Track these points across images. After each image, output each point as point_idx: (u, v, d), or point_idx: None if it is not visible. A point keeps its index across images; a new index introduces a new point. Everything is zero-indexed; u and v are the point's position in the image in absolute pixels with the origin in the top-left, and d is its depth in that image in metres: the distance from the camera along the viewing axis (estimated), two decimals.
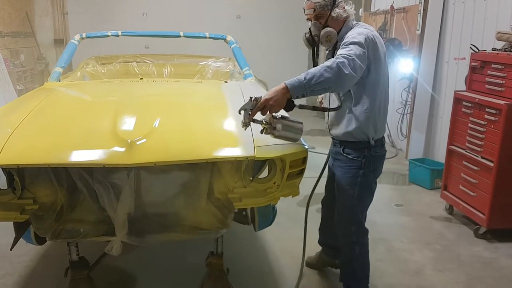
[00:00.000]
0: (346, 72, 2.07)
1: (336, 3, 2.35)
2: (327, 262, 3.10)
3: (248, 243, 3.50)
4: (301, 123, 2.15)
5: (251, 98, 2.06)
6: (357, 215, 2.55)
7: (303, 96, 2.08)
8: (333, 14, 2.33)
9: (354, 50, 2.15)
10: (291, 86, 2.04)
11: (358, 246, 2.59)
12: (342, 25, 2.40)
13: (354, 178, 2.46)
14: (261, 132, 2.13)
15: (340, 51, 2.18)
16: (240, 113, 2.07)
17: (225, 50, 4.26)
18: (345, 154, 2.49)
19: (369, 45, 2.23)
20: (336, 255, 2.98)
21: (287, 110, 2.12)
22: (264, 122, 2.10)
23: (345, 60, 2.08)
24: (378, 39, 2.33)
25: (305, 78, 2.04)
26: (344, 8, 2.38)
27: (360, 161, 2.44)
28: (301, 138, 2.28)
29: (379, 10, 7.11)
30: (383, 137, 2.53)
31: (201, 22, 8.91)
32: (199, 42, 5.10)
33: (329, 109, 2.47)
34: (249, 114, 2.04)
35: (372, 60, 2.28)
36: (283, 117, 2.10)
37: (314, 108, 2.43)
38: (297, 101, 2.16)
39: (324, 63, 2.11)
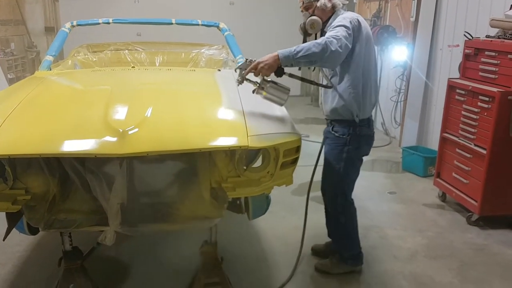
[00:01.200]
0: (333, 49, 2.32)
1: None
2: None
3: (242, 232, 3.51)
4: (288, 89, 2.38)
5: (246, 59, 2.39)
6: (342, 188, 2.79)
7: (291, 65, 2.37)
8: (318, 4, 2.63)
9: (340, 31, 2.41)
10: (281, 55, 2.33)
11: (343, 216, 2.84)
12: (331, 15, 2.66)
13: (340, 154, 2.70)
14: (253, 91, 2.40)
15: (328, 33, 2.44)
16: (236, 71, 2.39)
17: (219, 38, 4.21)
18: (333, 132, 2.73)
19: (354, 27, 2.48)
20: None
21: (277, 76, 2.39)
22: (256, 83, 2.38)
23: (333, 39, 2.35)
24: (363, 23, 2.57)
25: (295, 50, 2.33)
26: None
27: (345, 138, 2.67)
28: (295, 126, 2.35)
29: None
30: (369, 118, 2.73)
31: (194, 9, 8.81)
32: (192, 30, 5.04)
33: (316, 83, 2.75)
34: (243, 73, 2.34)
35: (357, 41, 2.52)
36: (272, 81, 2.37)
37: (302, 79, 2.69)
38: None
39: (315, 40, 2.40)
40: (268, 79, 2.36)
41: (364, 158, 2.86)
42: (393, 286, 2.88)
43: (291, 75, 2.50)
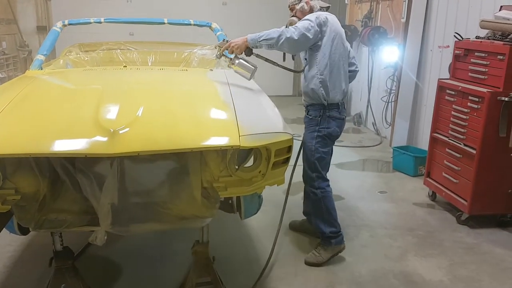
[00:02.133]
0: (287, 36, 2.79)
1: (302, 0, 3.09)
2: (308, 230, 3.47)
3: (234, 231, 3.52)
4: (255, 66, 2.87)
5: (224, 39, 3.07)
6: (315, 164, 3.04)
7: (256, 47, 2.87)
8: (298, 7, 3.10)
9: (302, 23, 2.88)
10: (249, 38, 2.86)
11: (319, 190, 3.07)
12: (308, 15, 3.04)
13: (312, 133, 3.04)
14: (228, 65, 3.00)
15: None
16: (215, 48, 2.99)
17: (212, 38, 4.22)
18: (308, 115, 3.10)
19: (320, 22, 2.88)
20: None
21: (246, 55, 2.92)
22: (229, 58, 2.93)
23: (291, 28, 2.84)
24: (332, 21, 2.97)
25: (259, 34, 2.84)
26: (307, 2, 3.07)
27: (317, 119, 3.02)
28: (286, 126, 2.39)
29: None
30: (339, 104, 3.05)
31: (186, 9, 8.79)
32: (185, 30, 5.04)
33: (280, 66, 3.10)
34: (220, 49, 2.92)
35: (324, 35, 2.91)
36: (241, 58, 2.90)
37: (266, 59, 3.02)
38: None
39: (277, 28, 2.86)
40: (239, 57, 2.89)
41: (355, 158, 2.94)
42: (384, 285, 2.90)
43: (257, 55, 2.95)
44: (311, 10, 3.06)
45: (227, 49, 2.89)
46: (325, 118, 3.00)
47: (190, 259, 2.72)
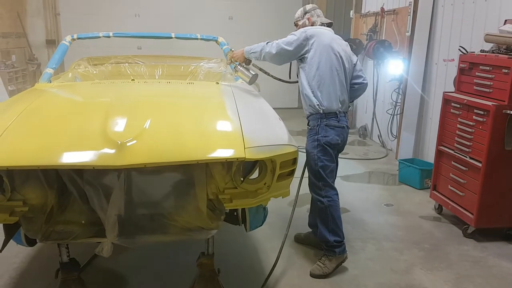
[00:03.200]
0: (267, 50, 3.11)
1: (305, 16, 3.29)
2: (314, 242, 3.46)
3: (239, 244, 3.52)
4: (253, 74, 3.25)
5: (231, 49, 3.52)
6: (320, 172, 3.08)
7: (249, 58, 3.26)
8: (300, 23, 3.32)
9: (286, 38, 3.10)
10: (245, 50, 3.24)
11: (326, 199, 3.09)
12: None
13: (313, 142, 3.11)
14: (233, 71, 3.44)
15: None
16: (225, 57, 3.52)
17: (218, 52, 4.27)
18: (308, 126, 3.21)
19: (306, 36, 3.05)
20: None
21: (246, 64, 3.31)
22: (234, 65, 3.37)
23: (273, 43, 3.11)
24: (322, 34, 3.10)
25: (251, 47, 3.21)
26: (309, 19, 3.27)
27: (316, 129, 3.11)
28: (291, 138, 2.43)
29: (369, 12, 7.16)
30: (337, 112, 3.10)
31: (193, 23, 8.91)
32: (192, 44, 5.11)
33: (272, 76, 3.55)
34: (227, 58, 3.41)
35: (310, 48, 3.05)
36: (243, 66, 3.31)
37: (260, 69, 3.49)
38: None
39: (263, 42, 3.17)
40: (243, 64, 3.30)
41: (361, 170, 2.96)
42: None
43: (253, 65, 3.37)
44: (312, 26, 3.23)
45: (231, 58, 3.34)
46: (323, 127, 3.08)
47: (195, 271, 2.72)
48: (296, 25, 3.34)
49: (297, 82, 3.30)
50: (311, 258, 3.33)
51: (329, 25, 3.28)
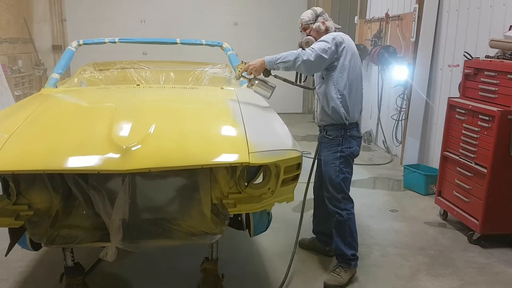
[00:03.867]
0: (304, 58, 2.81)
1: (318, 19, 3.08)
2: (318, 248, 3.45)
3: (243, 249, 3.52)
4: (274, 86, 2.99)
5: (242, 61, 3.04)
6: (341, 185, 3.01)
7: (273, 69, 2.94)
8: (314, 26, 3.09)
9: (319, 45, 2.88)
10: (266, 60, 2.92)
11: (345, 212, 3.02)
12: (324, 35, 3.02)
13: (335, 153, 3.00)
14: (247, 86, 3.11)
15: (311, 46, 2.93)
16: (234, 70, 3.07)
17: (224, 57, 4.30)
18: (327, 136, 3.05)
19: (336, 43, 2.89)
20: (328, 243, 3.35)
21: (264, 75, 3.00)
22: (248, 79, 3.03)
23: (308, 50, 2.85)
24: (348, 41, 2.98)
25: (276, 57, 2.89)
26: (324, 22, 3.08)
27: (338, 139, 2.99)
28: (296, 143, 2.42)
29: (374, 18, 7.17)
30: (357, 123, 3.05)
31: (198, 29, 8.95)
32: (197, 49, 5.14)
33: (298, 84, 3.25)
34: (239, 71, 3.00)
35: (341, 55, 2.91)
36: (260, 79, 2.99)
37: (284, 80, 3.15)
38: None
39: (293, 50, 2.88)
40: (258, 78, 2.98)
41: (366, 176, 2.96)
42: None
43: (275, 76, 3.06)
44: (327, 30, 3.07)
45: (245, 71, 2.97)
46: (347, 137, 2.98)
47: (199, 276, 2.72)
48: (305, 29, 3.13)
49: (314, 88, 3.16)
50: (316, 264, 3.32)
51: (338, 30, 3.17)
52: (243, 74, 3.01)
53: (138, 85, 3.55)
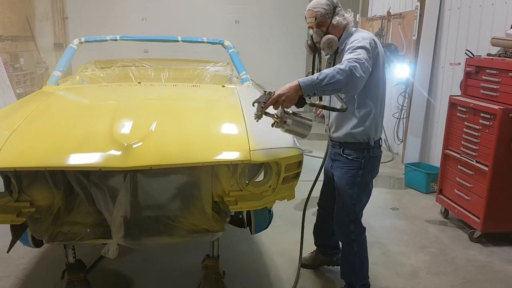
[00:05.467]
0: (357, 75, 2.16)
1: (336, 11, 2.47)
2: (323, 261, 3.18)
3: (244, 246, 3.52)
4: (311, 120, 2.23)
5: (265, 91, 2.16)
6: (355, 214, 2.64)
7: (314, 94, 2.17)
8: (334, 22, 2.45)
9: (362, 54, 2.24)
10: (303, 84, 2.12)
11: (356, 244, 2.68)
12: (342, 32, 2.51)
13: (354, 178, 2.56)
14: (272, 125, 2.21)
15: (348, 55, 2.26)
16: (253, 106, 2.15)
17: (225, 55, 4.30)
18: (345, 155, 2.58)
19: (372, 49, 2.34)
20: (333, 252, 3.12)
21: (298, 106, 2.19)
22: (275, 116, 2.18)
23: (357, 64, 2.17)
24: (378, 43, 2.45)
25: (317, 78, 2.12)
26: (344, 15, 2.49)
27: (359, 161, 2.54)
28: (296, 142, 2.37)
29: (376, 16, 7.16)
30: (380, 138, 2.63)
31: (200, 27, 8.95)
32: (199, 47, 5.14)
33: (337, 109, 2.39)
34: (262, 107, 2.12)
35: (375, 63, 2.38)
36: (293, 113, 2.19)
37: (324, 107, 2.49)
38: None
39: (337, 66, 2.18)
40: (289, 111, 2.18)
41: None
42: None
43: (312, 104, 2.37)
44: (346, 25, 2.50)
45: (272, 105, 2.13)
46: (369, 159, 2.53)
47: (200, 274, 2.73)
48: (320, 25, 2.46)
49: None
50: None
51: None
52: (266, 111, 2.15)
53: (139, 83, 3.55)
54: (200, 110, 2.79)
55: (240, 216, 2.70)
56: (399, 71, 6.09)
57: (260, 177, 2.42)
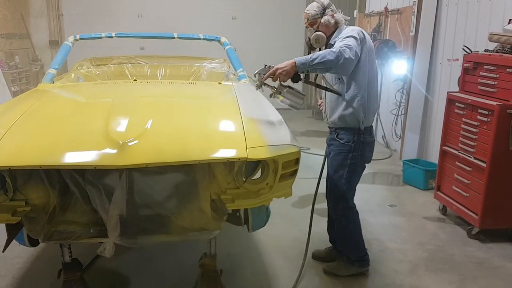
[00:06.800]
0: (346, 57, 2.49)
1: (326, 12, 2.80)
2: (336, 258, 3.18)
3: (242, 244, 3.51)
4: (304, 94, 2.58)
5: (265, 65, 2.52)
6: (343, 193, 2.89)
7: (307, 72, 2.52)
8: (322, 21, 2.80)
9: (351, 41, 2.59)
10: (298, 62, 2.47)
11: (343, 219, 2.96)
12: (334, 30, 2.83)
13: (344, 160, 2.83)
14: (270, 96, 2.59)
15: (339, 43, 2.60)
16: (255, 76, 2.50)
17: (221, 52, 4.27)
18: (338, 139, 2.85)
19: (360, 38, 2.66)
20: None
21: (293, 81, 2.54)
22: (272, 87, 2.55)
23: (346, 48, 2.51)
24: (367, 35, 2.76)
25: (311, 57, 2.47)
26: (332, 15, 2.80)
27: (350, 145, 2.80)
28: (294, 138, 2.38)
29: (373, 12, 7.14)
30: (371, 126, 2.88)
31: (197, 24, 8.92)
32: (195, 44, 5.11)
33: (331, 90, 2.77)
34: (262, 78, 2.49)
35: (362, 51, 2.68)
36: (289, 86, 2.55)
37: (317, 85, 2.81)
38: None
39: (329, 49, 2.53)
40: (285, 84, 2.54)
41: (365, 171, 2.93)
42: None
43: (306, 81, 2.68)
44: (336, 24, 2.81)
45: (271, 76, 2.49)
46: (359, 143, 2.79)
47: (198, 272, 2.72)
48: (312, 24, 2.82)
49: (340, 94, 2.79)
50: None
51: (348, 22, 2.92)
52: (265, 82, 2.53)
53: (135, 80, 3.53)
54: (196, 108, 2.77)
55: (238, 214, 2.68)
56: (397, 68, 6.08)
57: (257, 175, 2.40)
